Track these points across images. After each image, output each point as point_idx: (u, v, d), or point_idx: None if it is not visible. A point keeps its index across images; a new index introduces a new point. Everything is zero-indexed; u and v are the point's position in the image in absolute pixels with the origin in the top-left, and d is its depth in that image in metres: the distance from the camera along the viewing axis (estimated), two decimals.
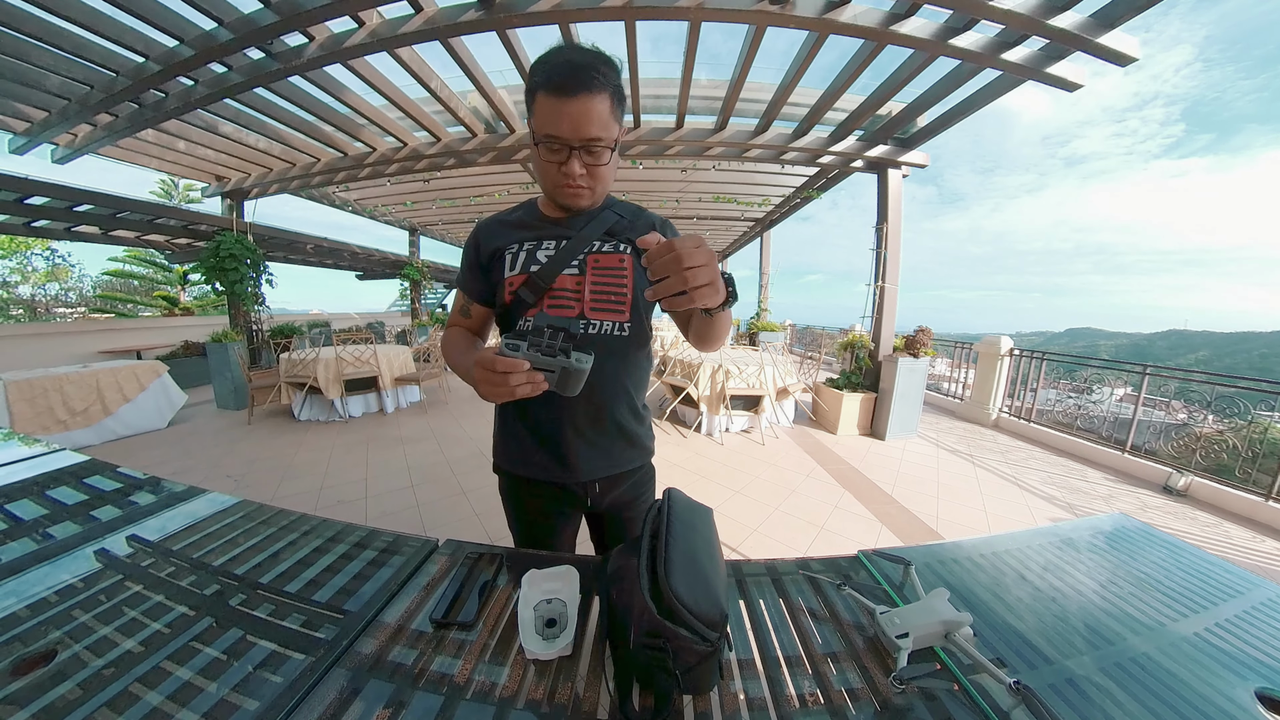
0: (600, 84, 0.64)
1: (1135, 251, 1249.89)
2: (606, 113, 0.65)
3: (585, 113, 0.63)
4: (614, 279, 0.79)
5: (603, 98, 0.64)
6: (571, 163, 0.67)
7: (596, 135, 0.66)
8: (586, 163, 0.68)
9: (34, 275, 14.61)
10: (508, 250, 0.81)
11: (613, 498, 0.87)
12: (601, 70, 0.64)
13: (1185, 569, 0.77)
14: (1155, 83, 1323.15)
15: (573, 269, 0.78)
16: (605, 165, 0.70)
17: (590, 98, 0.63)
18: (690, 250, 0.49)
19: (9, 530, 0.76)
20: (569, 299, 0.78)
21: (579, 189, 0.71)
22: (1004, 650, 0.58)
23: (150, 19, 2.43)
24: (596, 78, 0.63)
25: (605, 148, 0.68)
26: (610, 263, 0.80)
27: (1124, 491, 3.13)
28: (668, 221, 0.87)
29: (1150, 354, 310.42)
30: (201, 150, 4.49)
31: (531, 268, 0.78)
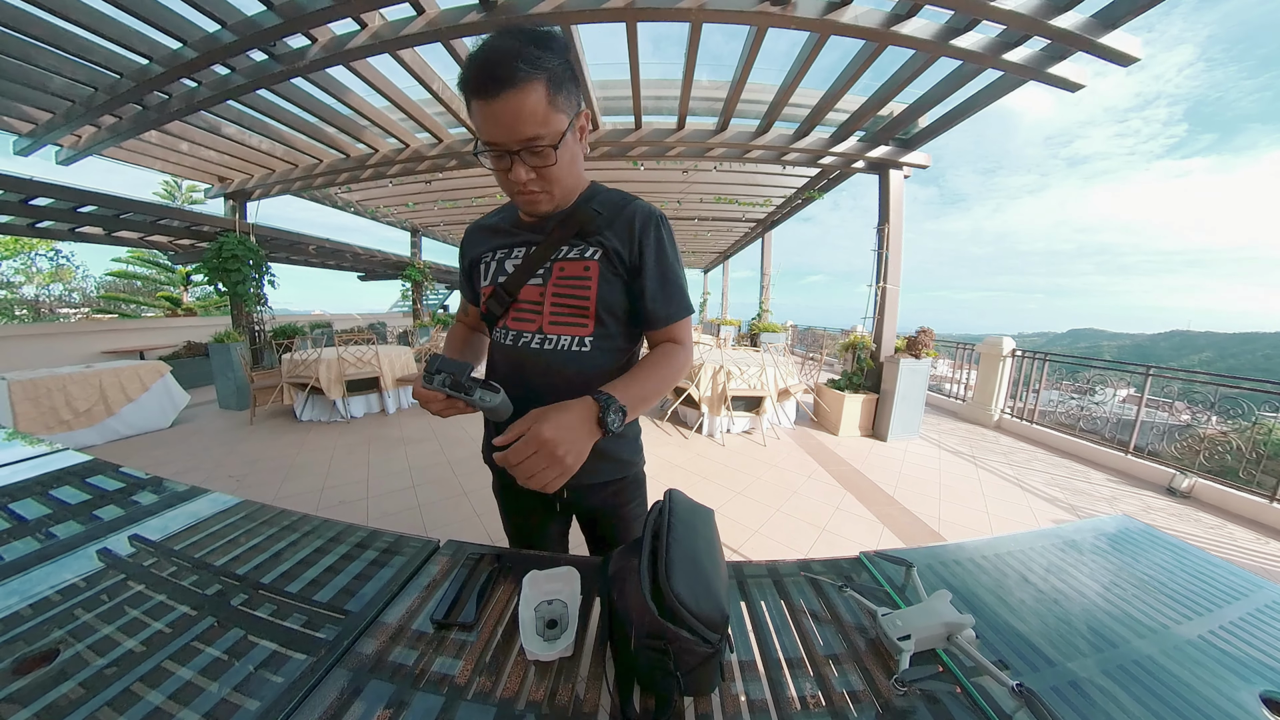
0: (526, 74, 0.56)
1: (1138, 252, 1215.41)
2: (541, 105, 0.57)
3: (514, 112, 0.57)
4: (576, 289, 0.72)
5: (533, 89, 0.56)
6: (516, 169, 0.61)
7: (532, 134, 0.58)
8: (532, 164, 0.62)
9: (38, 276, 14.69)
10: (483, 259, 0.80)
11: (590, 505, 0.85)
12: (527, 57, 0.55)
13: (1189, 571, 0.77)
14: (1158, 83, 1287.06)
15: (537, 279, 0.73)
16: (554, 165, 0.63)
17: (517, 94, 0.56)
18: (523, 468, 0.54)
19: (12, 529, 0.77)
20: (530, 313, 0.74)
21: (533, 194, 0.66)
22: (1006, 652, 0.57)
23: (154, 21, 2.44)
24: (520, 69, 0.55)
25: (548, 146, 0.60)
26: (574, 270, 0.72)
27: (1127, 493, 3.12)
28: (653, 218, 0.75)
29: (1153, 355, 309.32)
30: (204, 151, 4.51)
31: (500, 278, 0.76)
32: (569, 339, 0.73)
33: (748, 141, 4.03)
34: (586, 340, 0.73)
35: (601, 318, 0.73)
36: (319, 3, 2.31)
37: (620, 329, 0.76)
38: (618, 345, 0.77)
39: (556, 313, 0.73)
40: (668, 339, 0.77)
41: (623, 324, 0.76)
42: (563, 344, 0.73)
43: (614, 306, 0.74)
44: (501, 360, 0.80)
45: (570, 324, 0.73)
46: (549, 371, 0.74)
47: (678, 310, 0.76)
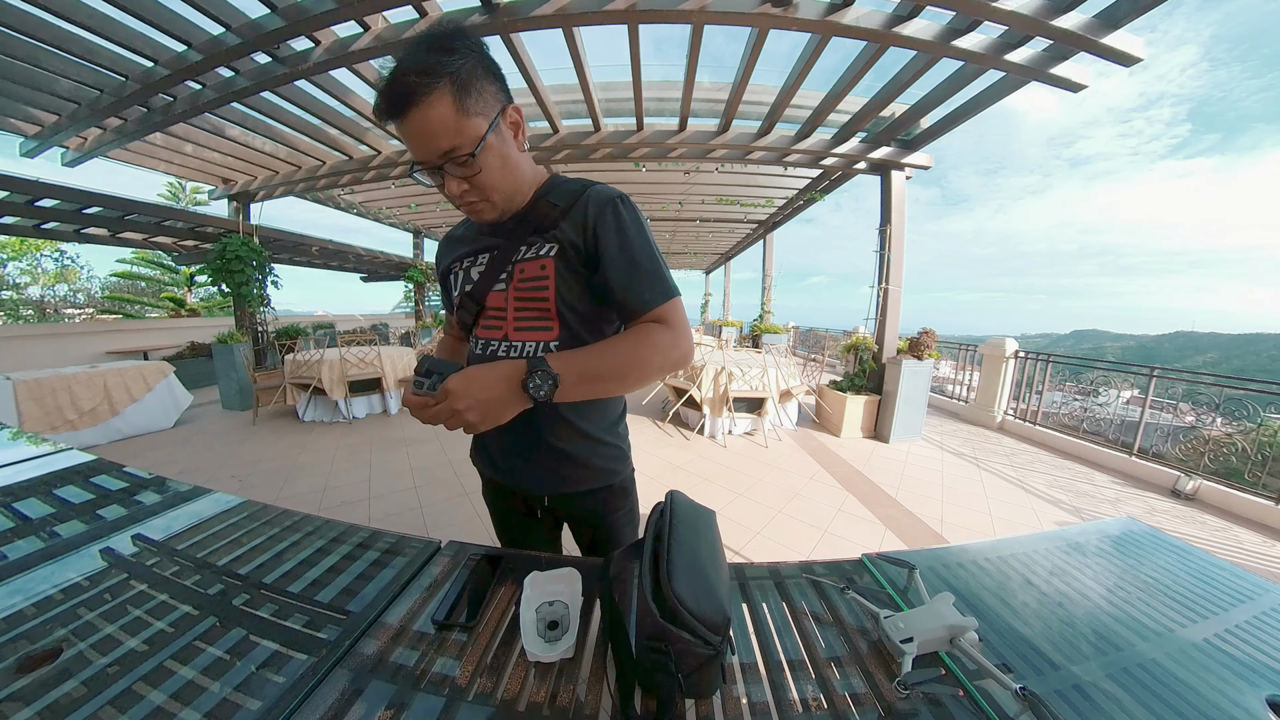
0: (425, 86, 0.53)
1: (1141, 252, 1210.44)
2: (449, 116, 0.55)
3: (421, 129, 0.55)
4: (536, 290, 0.69)
5: (436, 100, 0.54)
6: (447, 183, 0.60)
7: (449, 146, 0.57)
8: (459, 175, 0.60)
9: (43, 276, 14.79)
10: (453, 270, 0.79)
11: (576, 511, 0.82)
12: (424, 69, 0.53)
13: (1194, 574, 0.76)
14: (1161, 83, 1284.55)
15: (501, 284, 0.72)
16: (481, 172, 0.60)
17: (420, 110, 0.54)
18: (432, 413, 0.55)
19: (16, 528, 0.77)
20: (496, 319, 0.73)
21: (472, 205, 0.65)
22: (1010, 656, 0.57)
23: (159, 24, 2.46)
24: (415, 82, 0.53)
25: (467, 155, 0.58)
26: (532, 272, 0.69)
27: (1131, 495, 3.10)
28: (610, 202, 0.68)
29: (1157, 356, 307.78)
30: (208, 153, 4.54)
31: (467, 287, 0.75)
32: (534, 344, 0.71)
33: (749, 143, 4.03)
34: (552, 345, 0.70)
35: (564, 318, 0.70)
36: (322, 5, 2.33)
37: (586, 328, 0.72)
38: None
39: (520, 318, 0.71)
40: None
41: (588, 322, 0.72)
42: (528, 350, 0.71)
43: (575, 304, 0.70)
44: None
45: (534, 328, 0.71)
46: None
47: (654, 295, 0.66)
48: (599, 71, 3.45)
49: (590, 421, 0.77)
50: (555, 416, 0.74)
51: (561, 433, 0.75)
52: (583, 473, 0.77)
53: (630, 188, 6.45)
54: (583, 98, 3.56)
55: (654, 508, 0.62)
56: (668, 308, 0.66)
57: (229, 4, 2.46)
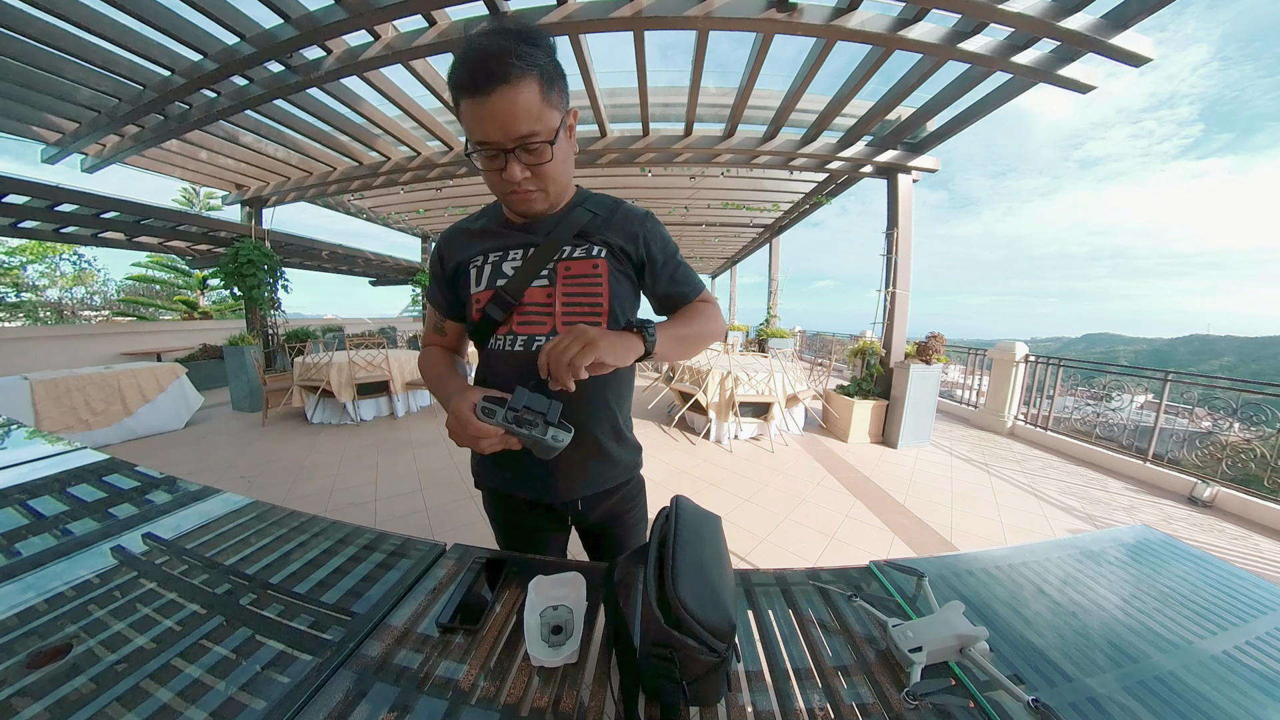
0: (519, 70, 0.55)
1: (1154, 255, 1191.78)
2: (535, 102, 0.57)
3: (509, 109, 0.56)
4: (588, 288, 0.71)
5: (527, 85, 0.56)
6: (511, 167, 0.60)
7: (528, 131, 0.58)
8: (527, 163, 0.61)
9: (61, 279, 15.14)
10: (471, 264, 0.75)
11: (599, 513, 0.82)
12: (519, 54, 0.55)
13: (1212, 584, 0.74)
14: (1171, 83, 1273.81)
15: (542, 280, 0.71)
16: (549, 162, 0.62)
17: (511, 90, 0.55)
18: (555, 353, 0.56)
19: (31, 525, 0.78)
20: (540, 314, 0.72)
21: (527, 194, 0.65)
22: (1022, 666, 0.56)
23: (176, 34, 2.53)
24: (514, 65, 0.54)
25: (543, 143, 0.59)
26: (582, 270, 0.72)
27: (1146, 502, 3.04)
28: (649, 216, 0.79)
29: (1172, 360, 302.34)
30: (222, 160, 4.63)
31: (498, 281, 0.72)
32: None
33: (755, 147, 4.04)
34: None
35: (615, 315, 0.73)
36: (334, 15, 2.37)
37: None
38: None
39: (570, 312, 0.71)
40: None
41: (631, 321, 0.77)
42: None
43: (625, 303, 0.76)
44: (506, 368, 0.73)
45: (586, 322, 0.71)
46: None
47: (695, 287, 0.82)
48: (605, 78, 3.49)
49: (622, 412, 0.82)
50: (599, 409, 0.76)
51: (604, 429, 0.77)
52: (614, 469, 0.80)
53: (636, 193, 6.48)
54: (589, 103, 3.59)
55: (659, 513, 0.61)
56: (707, 293, 0.84)
57: (244, 14, 2.52)
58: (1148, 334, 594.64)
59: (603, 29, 2.48)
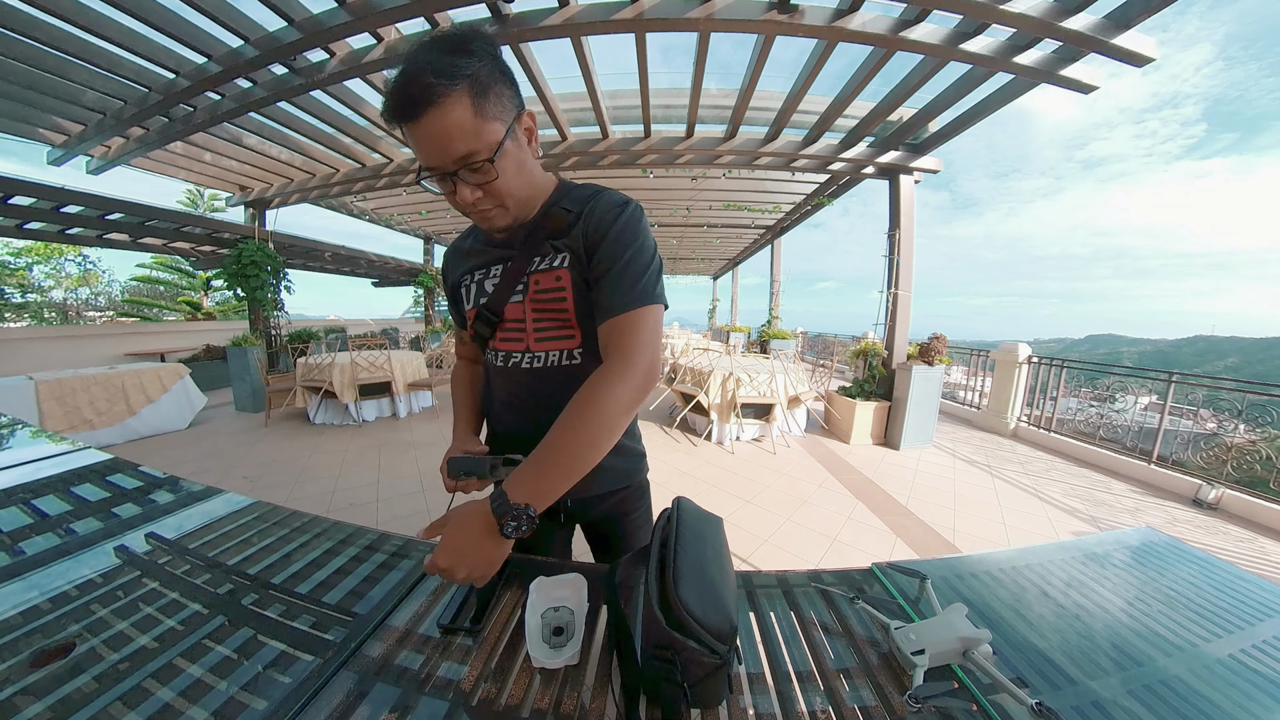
0: (443, 88, 0.51)
1: (1158, 255, 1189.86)
2: (467, 118, 0.53)
3: (439, 132, 0.53)
4: (553, 301, 0.69)
5: (454, 102, 0.52)
6: (460, 190, 0.58)
7: (466, 151, 0.54)
8: (475, 182, 0.58)
9: (67, 280, 15.24)
10: (463, 283, 0.78)
11: (598, 513, 0.82)
12: (442, 70, 0.51)
13: (1218, 586, 0.74)
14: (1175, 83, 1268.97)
15: (518, 295, 0.70)
16: (498, 179, 0.58)
17: (438, 111, 0.52)
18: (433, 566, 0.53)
19: (34, 525, 0.79)
20: (515, 331, 0.72)
21: (485, 213, 0.63)
22: (1025, 670, 0.56)
23: (181, 37, 2.54)
24: (434, 84, 0.51)
25: (485, 160, 0.56)
26: (548, 283, 0.69)
27: (1151, 504, 3.02)
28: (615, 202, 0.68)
29: (1176, 361, 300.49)
30: (226, 161, 4.66)
31: (480, 299, 0.73)
32: (558, 353, 0.71)
33: (757, 149, 4.04)
34: (576, 352, 0.71)
35: (585, 327, 0.69)
36: (337, 18, 2.39)
37: None
38: None
39: (540, 328, 0.70)
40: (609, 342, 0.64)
41: None
42: (552, 359, 0.71)
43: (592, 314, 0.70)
44: (498, 382, 0.78)
45: (556, 337, 0.71)
46: (543, 389, 0.72)
47: (627, 298, 0.62)
48: (607, 79, 3.49)
49: None
50: None
51: None
52: (603, 475, 0.75)
53: (638, 194, 6.48)
54: (591, 105, 3.60)
55: (661, 514, 0.61)
56: (630, 318, 0.62)
57: (248, 17, 2.53)
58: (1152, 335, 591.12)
59: (604, 31, 2.49)
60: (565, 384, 0.70)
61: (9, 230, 4.97)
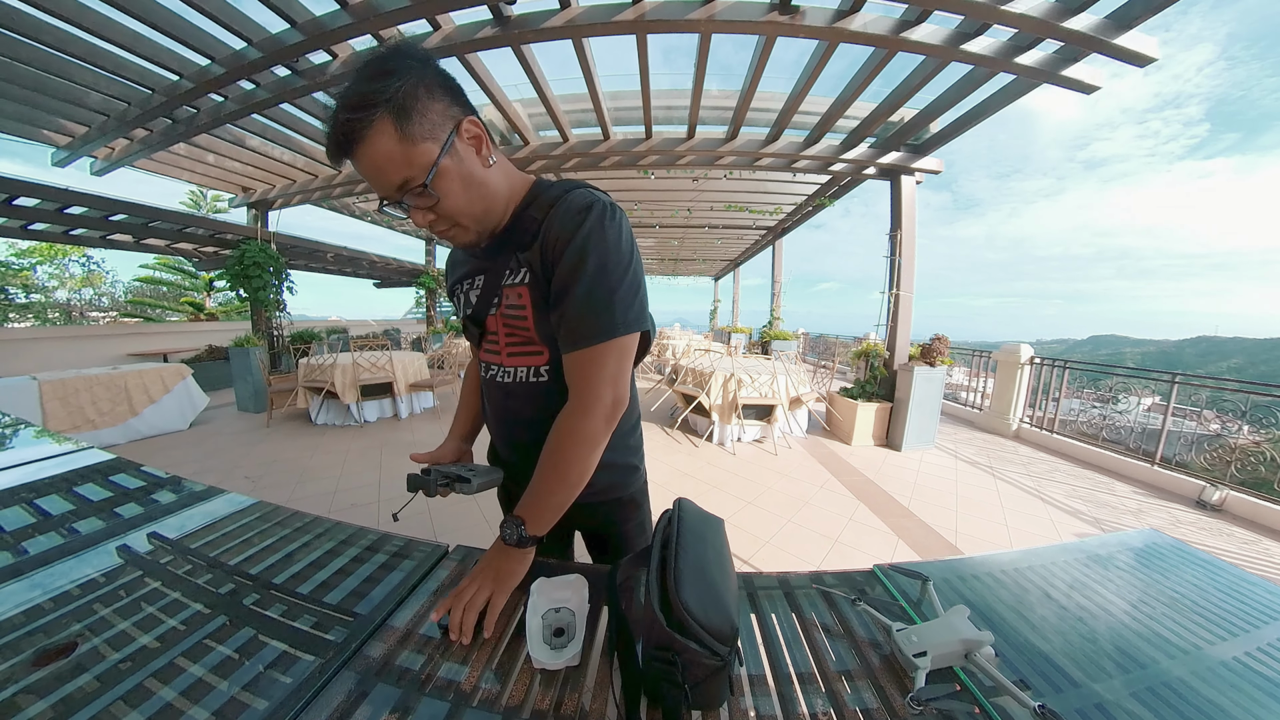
0: (361, 122, 0.50)
1: (1161, 256, 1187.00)
2: (392, 147, 0.51)
3: (368, 166, 0.53)
4: (517, 319, 0.67)
5: (376, 135, 0.50)
6: (413, 215, 0.58)
7: (399, 180, 0.53)
8: (420, 206, 0.57)
9: (70, 281, 15.31)
10: (456, 291, 0.79)
11: (585, 522, 0.83)
12: (355, 103, 0.50)
13: (1222, 589, 0.73)
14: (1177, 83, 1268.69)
15: (494, 308, 0.70)
16: (443, 200, 0.56)
17: (364, 147, 0.51)
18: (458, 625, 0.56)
19: (37, 524, 0.79)
20: (493, 344, 0.72)
21: (446, 233, 0.61)
22: (1028, 672, 0.55)
23: (184, 39, 2.56)
24: (352, 119, 0.50)
25: (419, 186, 0.54)
26: (512, 299, 0.66)
27: (1154, 506, 3.01)
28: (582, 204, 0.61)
29: (1179, 362, 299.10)
30: (229, 163, 4.68)
31: (467, 310, 0.74)
32: (526, 369, 0.70)
33: (758, 149, 4.04)
34: (543, 369, 0.69)
35: (550, 345, 0.67)
36: (339, 20, 2.40)
37: None
38: None
39: (510, 343, 0.70)
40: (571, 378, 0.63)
41: None
42: (521, 375, 0.71)
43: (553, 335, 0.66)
44: (485, 393, 0.79)
45: (524, 353, 0.69)
46: (514, 405, 0.73)
47: (587, 329, 0.59)
48: (608, 81, 3.50)
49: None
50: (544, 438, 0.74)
51: None
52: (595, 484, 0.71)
53: (639, 195, 6.49)
54: (592, 107, 3.61)
55: (662, 515, 0.61)
56: (593, 353, 0.60)
57: (251, 20, 2.54)
58: (1154, 336, 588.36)
59: (606, 32, 2.49)
60: (532, 401, 0.71)
61: (14, 231, 4.99)
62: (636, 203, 6.85)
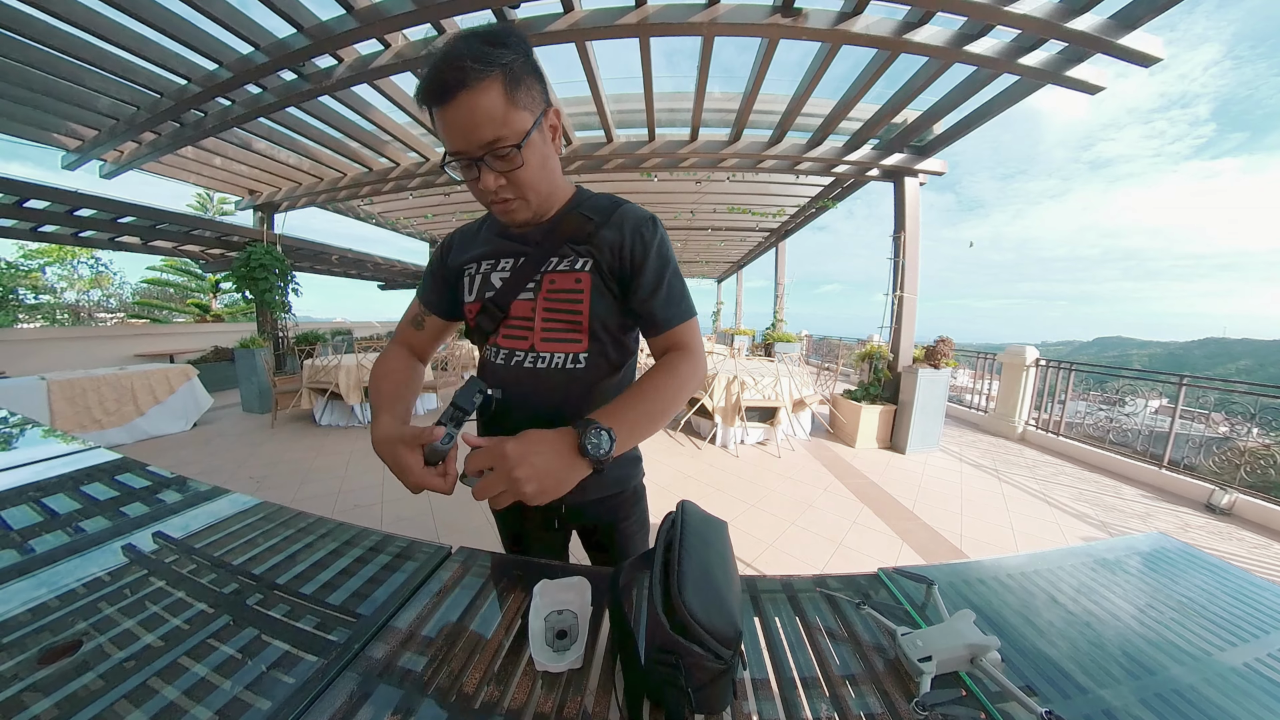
0: (478, 73, 0.52)
1: (1167, 256, 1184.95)
2: (498, 105, 0.54)
3: (468, 115, 0.54)
4: (568, 303, 0.69)
5: (487, 88, 0.53)
6: (484, 176, 0.58)
7: (493, 136, 0.55)
8: (500, 170, 0.58)
9: (79, 282, 15.47)
10: (466, 271, 0.75)
11: (586, 520, 0.83)
12: (479, 56, 0.52)
13: (1232, 593, 0.72)
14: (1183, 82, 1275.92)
15: (528, 293, 0.70)
16: (522, 168, 0.59)
17: (470, 95, 0.53)
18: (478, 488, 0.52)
19: (44, 523, 0.80)
20: (521, 329, 0.71)
21: (506, 203, 0.62)
22: (1034, 677, 0.55)
23: (192, 44, 2.58)
24: (471, 68, 0.52)
25: (511, 147, 0.56)
26: (565, 283, 0.69)
27: (1162, 509, 2.97)
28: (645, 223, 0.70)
29: (1187, 363, 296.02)
30: (236, 166, 4.72)
31: (486, 293, 0.72)
32: (562, 356, 0.70)
33: (760, 152, 4.04)
34: (581, 356, 0.70)
35: (595, 332, 0.70)
36: (345, 25, 2.42)
37: (614, 343, 0.73)
38: (613, 360, 0.74)
39: (548, 328, 0.70)
40: (672, 345, 0.71)
41: (616, 337, 0.73)
42: (556, 361, 0.70)
43: (608, 320, 0.71)
44: (494, 379, 0.74)
45: (563, 340, 0.70)
46: (544, 391, 0.71)
47: (679, 312, 0.71)
48: (611, 83, 3.51)
49: None
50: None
51: None
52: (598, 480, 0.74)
53: (642, 197, 6.50)
54: (595, 109, 3.62)
55: (665, 517, 0.61)
56: (686, 327, 0.71)
57: (258, 24, 2.57)
58: (1162, 337, 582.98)
59: (609, 35, 2.50)
60: (566, 386, 0.71)
61: (24, 233, 5.05)
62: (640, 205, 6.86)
